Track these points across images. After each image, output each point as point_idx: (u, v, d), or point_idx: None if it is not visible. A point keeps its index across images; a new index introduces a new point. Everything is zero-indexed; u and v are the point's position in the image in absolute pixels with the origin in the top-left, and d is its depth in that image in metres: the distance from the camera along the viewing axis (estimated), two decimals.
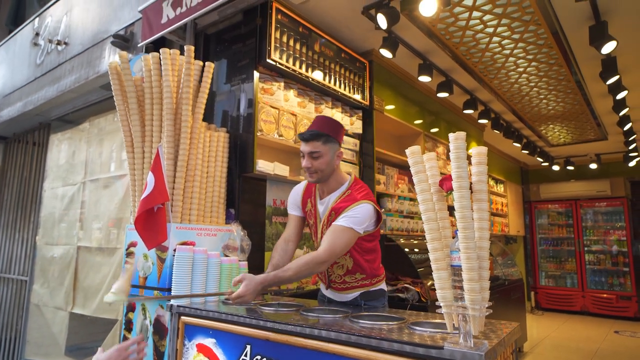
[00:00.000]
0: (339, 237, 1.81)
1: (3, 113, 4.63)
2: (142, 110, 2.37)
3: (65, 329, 3.65)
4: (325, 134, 1.94)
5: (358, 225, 1.82)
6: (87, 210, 3.78)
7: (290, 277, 1.79)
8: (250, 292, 1.73)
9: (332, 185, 2.00)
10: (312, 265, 1.79)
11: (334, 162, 1.97)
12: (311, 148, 1.92)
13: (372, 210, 1.88)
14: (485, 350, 1.18)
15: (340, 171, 2.04)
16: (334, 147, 1.97)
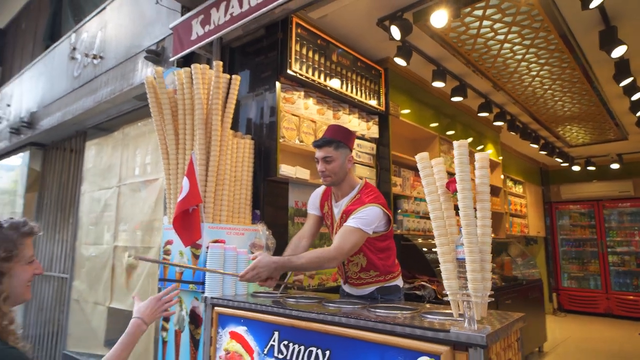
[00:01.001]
0: (348, 236, 1.97)
1: (43, 122, 4.97)
2: (176, 121, 2.60)
3: (104, 323, 3.93)
4: (337, 140, 2.14)
5: (366, 226, 1.98)
6: (122, 212, 4.05)
7: (302, 265, 1.97)
8: (262, 266, 1.90)
9: (345, 189, 2.18)
10: (322, 259, 1.96)
11: (346, 165, 2.16)
12: (324, 153, 2.12)
13: (380, 213, 2.04)
14: (487, 333, 1.33)
15: (352, 176, 2.23)
16: (345, 152, 2.16)
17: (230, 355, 2.02)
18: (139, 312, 1.51)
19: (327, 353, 1.66)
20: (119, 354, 1.38)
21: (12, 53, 7.24)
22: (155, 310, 1.55)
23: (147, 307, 1.52)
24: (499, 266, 5.05)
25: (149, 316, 1.51)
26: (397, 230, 3.77)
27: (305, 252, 2.04)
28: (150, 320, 1.52)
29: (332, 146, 2.12)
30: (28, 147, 5.63)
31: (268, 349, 1.87)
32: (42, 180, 5.56)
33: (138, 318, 1.48)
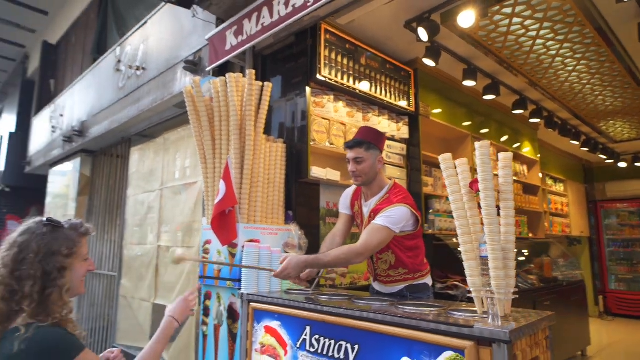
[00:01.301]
0: (375, 234, 2.04)
1: (92, 131, 5.34)
2: (212, 127, 2.76)
3: (149, 318, 4.17)
4: (367, 141, 2.21)
5: (393, 225, 2.04)
6: (164, 214, 4.28)
7: (329, 262, 2.07)
8: (292, 267, 2.02)
9: (375, 189, 2.25)
10: (349, 255, 2.04)
11: (376, 166, 2.23)
12: (355, 154, 2.20)
13: (407, 213, 2.10)
14: (510, 329, 1.36)
15: (382, 176, 2.29)
16: (375, 153, 2.23)
17: (265, 348, 2.13)
18: (171, 312, 1.64)
19: (355, 347, 1.74)
20: (155, 348, 1.51)
21: (64, 66, 7.78)
22: (185, 309, 1.68)
23: (178, 306, 1.66)
24: (537, 267, 4.93)
25: (180, 315, 1.65)
26: (428, 230, 3.78)
27: (332, 250, 2.12)
28: (181, 319, 1.65)
29: (362, 147, 2.21)
30: (79, 154, 6.04)
31: (300, 342, 1.96)
32: (92, 185, 5.95)
33: (171, 317, 1.62)
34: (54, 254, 1.29)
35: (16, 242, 1.29)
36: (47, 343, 1.19)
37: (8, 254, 1.27)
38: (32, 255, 1.26)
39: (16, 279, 1.23)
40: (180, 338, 3.66)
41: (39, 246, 1.28)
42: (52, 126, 6.76)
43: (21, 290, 1.23)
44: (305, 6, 2.43)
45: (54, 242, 1.30)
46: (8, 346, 1.17)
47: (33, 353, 1.15)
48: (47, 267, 1.27)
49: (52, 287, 1.27)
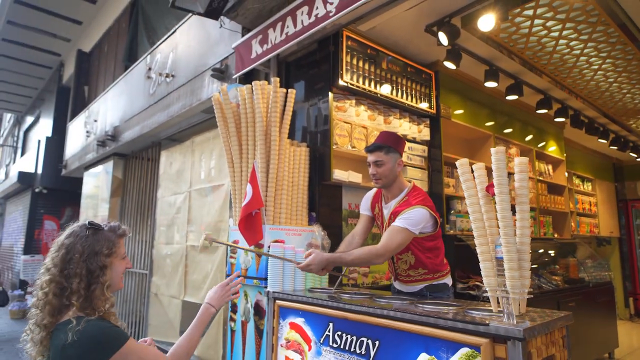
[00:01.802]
0: (394, 235, 2.12)
1: (125, 135, 5.59)
2: (239, 132, 2.89)
3: (179, 314, 4.37)
4: (387, 145, 2.30)
5: (412, 226, 2.11)
6: (192, 214, 4.47)
7: (352, 261, 2.17)
8: (316, 263, 2.13)
9: (395, 191, 2.33)
10: (370, 255, 2.13)
11: (396, 169, 2.30)
12: (375, 157, 2.29)
13: (426, 214, 2.16)
14: (524, 327, 1.42)
15: (402, 179, 2.37)
16: (395, 157, 2.31)
17: (290, 343, 2.24)
18: (208, 298, 1.74)
19: (376, 343, 1.82)
20: (192, 333, 1.61)
21: (97, 73, 8.14)
22: (222, 295, 1.76)
23: (216, 293, 1.75)
24: (563, 268, 4.88)
25: (217, 301, 1.73)
26: (450, 231, 3.81)
27: (355, 250, 2.22)
28: (218, 305, 1.74)
29: (382, 151, 2.29)
30: (112, 157, 6.33)
31: (324, 338, 2.06)
32: (124, 187, 6.22)
33: (207, 303, 1.71)
34: (96, 254, 1.42)
35: (63, 244, 1.43)
36: (97, 334, 1.32)
37: (57, 255, 1.41)
38: (78, 255, 1.40)
39: (65, 277, 1.38)
40: (208, 334, 3.82)
41: (83, 247, 1.41)
42: (87, 131, 7.10)
43: (70, 287, 1.36)
44: (328, 16, 2.53)
45: (95, 244, 1.44)
46: (61, 336, 1.30)
47: (84, 343, 1.29)
48: (90, 265, 1.41)
49: (96, 284, 1.40)
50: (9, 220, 13.27)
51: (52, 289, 1.37)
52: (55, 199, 10.64)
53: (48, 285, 1.38)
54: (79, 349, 1.29)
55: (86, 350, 1.30)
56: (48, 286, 1.38)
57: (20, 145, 14.11)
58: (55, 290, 1.37)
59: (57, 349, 1.31)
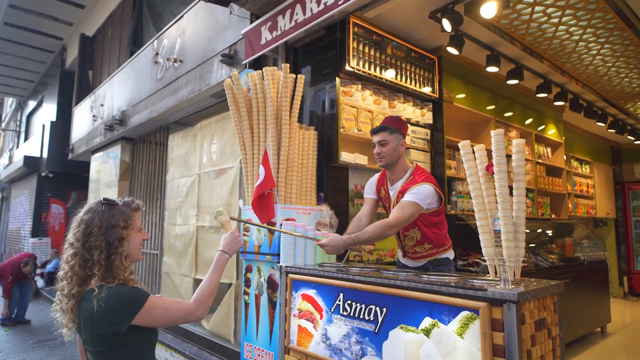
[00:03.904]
0: (405, 208, 2.29)
1: (133, 119, 5.71)
2: (251, 117, 3.02)
3: (190, 292, 4.56)
4: (390, 127, 2.47)
5: (420, 200, 2.29)
6: (202, 196, 4.62)
7: (368, 239, 2.33)
8: (333, 244, 2.29)
9: (399, 172, 2.50)
10: (383, 229, 2.29)
11: (399, 149, 2.47)
12: (380, 138, 2.47)
13: (432, 190, 2.34)
14: (518, 292, 1.59)
15: (405, 160, 2.54)
16: (398, 137, 2.48)
17: (303, 313, 2.42)
18: (222, 246, 1.83)
19: (384, 310, 2.00)
20: (211, 278, 1.70)
21: (101, 58, 8.19)
22: (233, 241, 1.84)
23: (227, 240, 1.83)
24: (559, 247, 5.07)
25: (229, 247, 1.82)
26: (451, 211, 3.97)
27: (368, 227, 2.38)
28: (232, 251, 1.82)
29: (386, 131, 2.48)
30: (119, 142, 6.45)
31: (334, 307, 2.24)
32: (132, 170, 6.37)
33: (221, 251, 1.80)
34: (113, 227, 1.52)
35: (82, 220, 1.55)
36: (119, 296, 1.44)
37: (78, 230, 1.53)
38: (97, 229, 1.51)
39: (87, 249, 1.49)
40: (220, 308, 4.02)
41: (101, 221, 1.53)
42: (93, 115, 7.20)
43: (91, 258, 1.48)
44: (336, 4, 2.63)
45: (112, 217, 1.55)
46: (88, 305, 1.43)
47: (110, 307, 1.41)
48: (109, 238, 1.51)
49: (115, 254, 1.51)
50: (14, 204, 13.45)
51: (77, 261, 1.48)
52: (61, 182, 10.80)
53: (73, 258, 1.49)
54: (106, 313, 1.40)
55: (113, 312, 1.41)
56: (73, 259, 1.49)
57: (23, 129, 14.19)
58: (79, 262, 1.48)
59: (86, 315, 1.43)
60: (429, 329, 1.79)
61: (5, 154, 15.63)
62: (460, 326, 1.68)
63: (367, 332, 2.04)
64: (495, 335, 1.60)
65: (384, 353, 1.94)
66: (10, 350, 5.11)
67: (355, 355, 2.07)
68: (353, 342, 2.09)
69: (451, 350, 1.69)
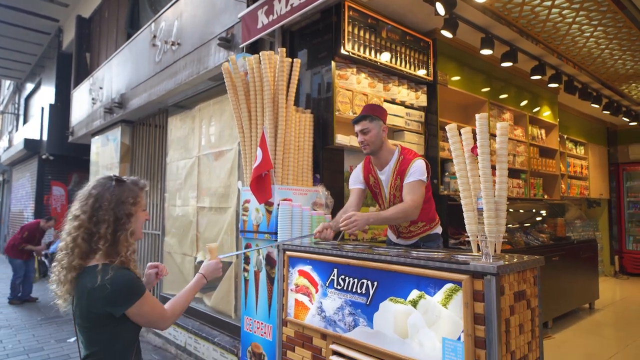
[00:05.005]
0: (416, 189, 2.44)
1: (132, 103, 5.76)
2: (248, 100, 3.10)
3: (192, 270, 4.72)
4: (370, 115, 2.58)
5: (422, 176, 2.45)
6: (202, 178, 4.73)
7: (389, 217, 2.43)
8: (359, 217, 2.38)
9: (386, 156, 2.61)
10: (405, 211, 2.40)
11: (381, 134, 2.58)
12: (361, 127, 2.58)
13: (424, 164, 2.49)
14: (498, 265, 1.71)
15: (388, 144, 2.65)
16: (379, 124, 2.58)
17: (299, 288, 2.55)
18: (203, 270, 1.92)
19: (375, 283, 2.12)
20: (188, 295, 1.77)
21: (98, 40, 8.17)
22: (214, 271, 1.95)
23: (210, 267, 1.93)
24: (550, 226, 5.21)
25: (209, 274, 1.92)
26: (444, 191, 4.09)
27: (390, 208, 2.50)
28: (209, 277, 1.92)
29: (367, 120, 2.58)
30: (119, 124, 6.51)
31: (329, 282, 2.37)
32: (132, 153, 6.45)
33: (202, 274, 1.90)
34: (123, 203, 1.54)
35: (91, 194, 1.55)
36: (124, 282, 1.49)
37: (86, 203, 1.54)
38: (107, 203, 1.51)
39: (94, 223, 1.51)
40: (221, 285, 4.18)
41: (111, 196, 1.53)
42: (92, 98, 7.24)
43: (97, 232, 1.50)
44: None
45: (121, 194, 1.57)
46: (88, 280, 1.47)
47: (112, 289, 1.45)
48: (118, 213, 1.53)
49: (121, 230, 1.53)
50: (16, 186, 13.56)
51: (80, 234, 1.49)
52: (61, 165, 10.89)
53: (77, 230, 1.50)
54: (106, 293, 1.43)
55: (113, 295, 1.44)
56: (77, 231, 1.50)
57: (22, 112, 14.18)
58: (83, 235, 1.49)
59: (84, 290, 1.45)
60: (416, 300, 1.92)
61: (5, 136, 15.66)
62: (445, 297, 1.81)
63: (359, 305, 2.17)
64: (477, 305, 1.73)
65: (375, 323, 2.07)
66: (19, 327, 5.30)
67: (348, 326, 2.21)
68: (346, 313, 2.23)
69: (436, 319, 1.83)
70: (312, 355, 2.40)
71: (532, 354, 1.92)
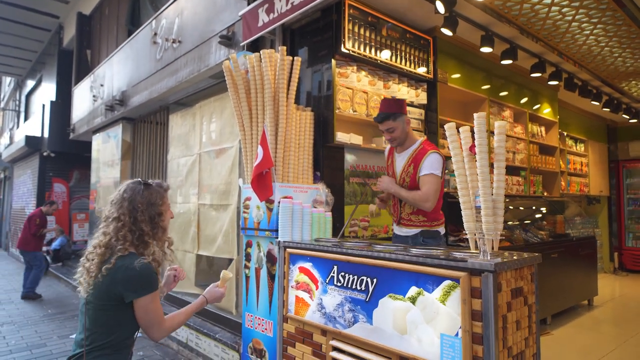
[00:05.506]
0: (428, 182, 2.58)
1: (133, 100, 5.78)
2: (249, 98, 3.12)
3: (193, 267, 4.75)
4: (392, 112, 2.67)
5: (435, 170, 2.57)
6: (203, 175, 4.75)
7: (406, 196, 2.65)
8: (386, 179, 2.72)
9: (408, 144, 2.77)
10: (416, 200, 2.62)
11: (405, 128, 2.74)
12: (386, 127, 2.72)
13: (440, 158, 2.61)
14: (495, 262, 1.73)
15: (412, 134, 2.81)
16: (402, 119, 2.72)
17: (300, 284, 2.58)
18: (208, 293, 2.05)
19: (374, 280, 2.15)
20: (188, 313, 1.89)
21: (99, 37, 8.17)
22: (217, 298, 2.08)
23: (216, 293, 2.07)
24: (550, 224, 5.23)
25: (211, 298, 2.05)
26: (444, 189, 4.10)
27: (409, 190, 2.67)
28: (211, 302, 2.05)
29: (390, 119, 2.70)
30: (120, 122, 6.54)
31: (329, 279, 2.40)
32: (134, 150, 6.47)
33: (205, 298, 2.02)
34: (153, 204, 1.77)
35: (125, 198, 1.74)
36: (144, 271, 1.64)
37: (121, 206, 1.73)
38: (140, 205, 1.73)
39: (133, 223, 1.70)
40: None
41: (143, 199, 1.75)
42: (93, 95, 7.26)
43: (139, 230, 1.69)
44: None
45: (150, 196, 1.77)
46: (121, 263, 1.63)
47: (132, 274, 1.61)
48: (151, 213, 1.74)
49: (157, 228, 1.76)
50: (17, 183, 13.60)
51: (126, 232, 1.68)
52: (63, 162, 10.92)
53: (121, 229, 1.68)
54: (128, 275, 1.60)
55: (132, 279, 1.61)
56: (122, 230, 1.68)
57: (23, 109, 14.20)
58: (126, 233, 1.68)
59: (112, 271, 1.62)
60: (414, 297, 1.95)
61: (6, 133, 15.69)
62: (443, 294, 1.84)
63: (359, 301, 2.20)
64: (474, 302, 1.76)
65: (374, 320, 2.11)
66: (22, 323, 5.34)
67: (348, 322, 2.24)
68: (346, 310, 2.26)
69: (434, 315, 1.85)
70: (313, 351, 2.44)
71: (529, 350, 1.95)
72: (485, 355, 1.68)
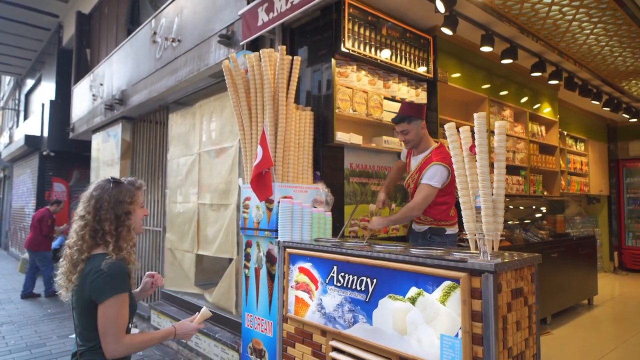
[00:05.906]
0: (420, 193, 2.72)
1: (133, 99, 5.77)
2: (248, 97, 3.11)
3: (193, 267, 4.74)
4: (408, 115, 2.83)
5: (431, 180, 2.67)
6: (203, 175, 4.74)
7: (397, 219, 2.81)
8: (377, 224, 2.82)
9: (422, 148, 2.90)
10: (407, 211, 2.76)
11: (420, 132, 2.87)
12: (401, 128, 2.88)
13: (442, 170, 2.68)
14: (495, 263, 1.73)
15: (428, 138, 2.93)
16: (418, 123, 2.85)
17: (299, 285, 2.58)
18: (178, 326, 1.89)
19: (374, 281, 2.15)
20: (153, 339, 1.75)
21: (98, 36, 8.16)
22: (187, 333, 1.90)
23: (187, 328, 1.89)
24: (550, 223, 5.23)
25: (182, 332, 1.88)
26: None
27: (397, 212, 2.83)
28: (180, 336, 1.88)
29: (405, 121, 2.86)
30: (119, 121, 6.52)
31: (329, 279, 2.39)
32: (133, 149, 6.46)
33: (174, 329, 1.86)
34: (121, 202, 1.72)
35: (93, 195, 1.73)
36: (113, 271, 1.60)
37: (89, 204, 1.72)
38: (106, 204, 1.71)
39: (97, 221, 1.68)
40: (222, 282, 4.20)
41: (110, 197, 1.72)
42: (93, 94, 7.24)
43: (102, 229, 1.67)
44: None
45: (119, 194, 1.74)
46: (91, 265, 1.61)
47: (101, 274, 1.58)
48: (117, 212, 1.71)
49: (122, 226, 1.71)
50: (17, 182, 13.59)
51: (87, 232, 1.66)
52: (62, 161, 10.91)
53: (84, 228, 1.67)
54: (96, 277, 1.58)
55: (101, 281, 1.58)
56: (84, 229, 1.67)
57: (22, 108, 14.19)
58: (90, 232, 1.66)
59: (84, 274, 1.61)
60: (414, 297, 1.95)
61: (6, 132, 15.67)
62: (443, 294, 1.83)
63: (359, 302, 2.20)
64: (474, 302, 1.75)
65: (374, 320, 2.10)
66: (22, 323, 5.34)
67: (347, 323, 2.23)
68: (346, 310, 2.25)
69: (434, 316, 1.85)
70: (312, 351, 2.43)
71: (529, 351, 1.95)
72: (485, 356, 1.67)
